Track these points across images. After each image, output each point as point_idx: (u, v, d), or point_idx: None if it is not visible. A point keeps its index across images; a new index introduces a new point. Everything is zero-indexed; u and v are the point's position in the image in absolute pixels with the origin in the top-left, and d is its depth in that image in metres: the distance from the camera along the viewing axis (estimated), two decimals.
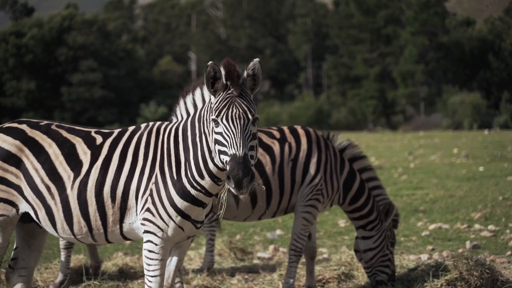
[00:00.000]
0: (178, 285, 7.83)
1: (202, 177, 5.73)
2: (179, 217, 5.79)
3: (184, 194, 5.76)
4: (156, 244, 5.84)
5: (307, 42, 76.43)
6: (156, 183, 5.82)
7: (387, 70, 67.00)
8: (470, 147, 30.37)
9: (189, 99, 6.01)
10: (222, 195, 5.63)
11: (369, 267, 8.38)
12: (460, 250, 10.20)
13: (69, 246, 8.99)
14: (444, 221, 12.97)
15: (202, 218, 5.94)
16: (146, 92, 69.65)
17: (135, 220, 5.93)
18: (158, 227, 5.81)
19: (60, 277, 8.94)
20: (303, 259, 9.39)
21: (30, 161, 6.08)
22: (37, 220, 6.13)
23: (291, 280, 8.04)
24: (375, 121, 63.68)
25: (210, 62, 5.48)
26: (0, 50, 67.60)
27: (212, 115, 5.45)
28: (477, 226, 12.30)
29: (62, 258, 8.99)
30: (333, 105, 67.82)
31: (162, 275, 5.91)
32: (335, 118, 64.23)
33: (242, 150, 5.27)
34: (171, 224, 5.80)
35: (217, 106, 5.44)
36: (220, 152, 5.40)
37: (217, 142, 5.43)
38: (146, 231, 5.87)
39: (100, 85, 67.76)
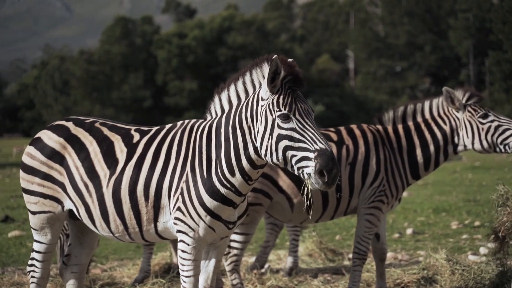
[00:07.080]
0: (238, 286, 7.63)
1: (233, 174, 5.55)
2: (208, 217, 5.62)
3: (213, 193, 5.59)
4: (188, 244, 5.70)
5: (468, 37, 73.93)
6: (187, 181, 5.68)
7: None
8: None
9: (224, 96, 5.82)
10: (304, 195, 5.26)
11: (494, 149, 7.60)
12: None
13: (151, 244, 9.03)
14: None
15: (234, 219, 5.75)
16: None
17: (169, 219, 5.81)
18: (189, 226, 5.67)
19: (140, 274, 9.01)
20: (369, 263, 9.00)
21: (72, 159, 6.11)
22: (79, 217, 6.17)
23: (356, 285, 7.68)
24: None
25: (275, 56, 5.35)
26: (164, 51, 70.19)
27: (281, 110, 5.25)
28: None
29: (144, 255, 9.07)
30: (495, 102, 64.95)
31: (196, 275, 5.77)
32: None
33: (328, 144, 5.11)
34: (202, 224, 5.64)
35: (284, 101, 5.28)
36: (289, 148, 5.17)
37: (286, 137, 5.20)
38: (178, 231, 5.75)
39: None
